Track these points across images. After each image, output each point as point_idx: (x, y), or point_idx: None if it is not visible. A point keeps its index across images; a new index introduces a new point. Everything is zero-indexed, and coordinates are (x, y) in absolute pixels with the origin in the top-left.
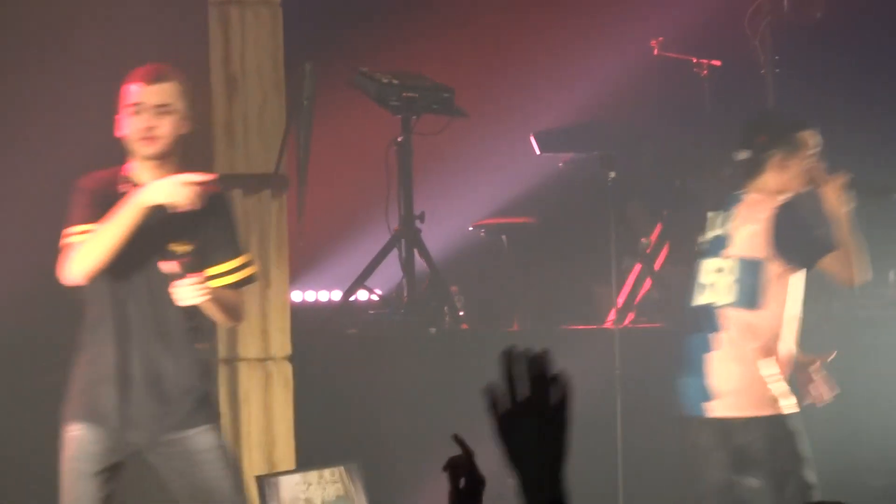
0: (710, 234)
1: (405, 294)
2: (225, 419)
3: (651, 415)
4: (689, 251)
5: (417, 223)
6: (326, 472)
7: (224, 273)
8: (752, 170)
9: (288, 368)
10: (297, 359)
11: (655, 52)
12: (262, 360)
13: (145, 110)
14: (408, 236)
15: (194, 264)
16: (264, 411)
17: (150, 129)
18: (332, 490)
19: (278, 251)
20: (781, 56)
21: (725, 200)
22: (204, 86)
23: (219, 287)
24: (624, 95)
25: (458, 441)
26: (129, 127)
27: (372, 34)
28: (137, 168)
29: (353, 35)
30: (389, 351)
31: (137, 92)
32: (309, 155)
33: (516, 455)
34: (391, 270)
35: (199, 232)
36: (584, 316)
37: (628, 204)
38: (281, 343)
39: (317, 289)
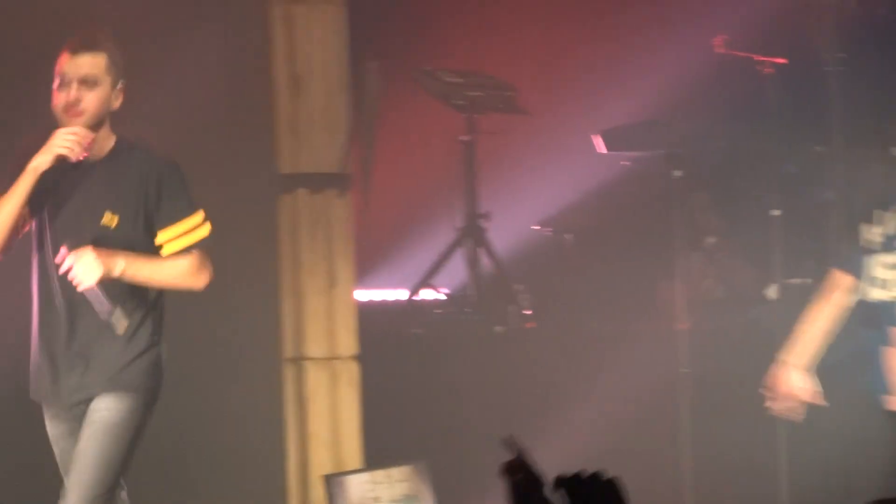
0: (882, 231)
1: (471, 293)
2: (291, 418)
3: (718, 413)
4: (752, 249)
5: (482, 222)
6: (395, 471)
7: (172, 238)
8: None
9: (354, 368)
10: (364, 358)
11: (719, 49)
12: (329, 360)
13: (69, 82)
14: (473, 235)
15: (124, 234)
16: (331, 411)
17: (73, 102)
18: (400, 489)
19: (344, 250)
20: (846, 54)
21: (890, 197)
22: (268, 84)
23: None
24: (687, 94)
25: (509, 443)
26: (55, 99)
27: (436, 32)
28: None
29: (418, 33)
30: (456, 350)
31: (63, 62)
32: (374, 153)
33: None
34: (457, 269)
35: (132, 200)
36: (649, 314)
37: (694, 201)
38: (347, 342)
39: (383, 288)
